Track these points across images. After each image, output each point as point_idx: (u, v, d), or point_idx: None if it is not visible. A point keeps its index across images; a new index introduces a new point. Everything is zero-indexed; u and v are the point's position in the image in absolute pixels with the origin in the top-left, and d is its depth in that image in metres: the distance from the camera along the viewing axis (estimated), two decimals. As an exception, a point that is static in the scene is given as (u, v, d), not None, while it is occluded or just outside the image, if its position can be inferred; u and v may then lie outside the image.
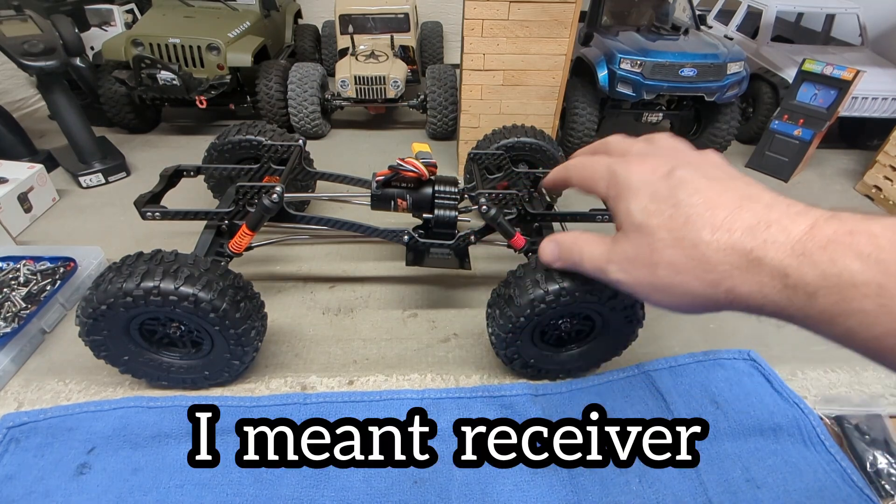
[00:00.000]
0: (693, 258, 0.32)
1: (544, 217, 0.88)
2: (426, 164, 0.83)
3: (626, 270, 0.37)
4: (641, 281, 0.36)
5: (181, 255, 0.69)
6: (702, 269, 0.32)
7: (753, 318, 1.01)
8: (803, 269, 0.27)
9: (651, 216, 0.35)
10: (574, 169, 0.46)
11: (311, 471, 0.65)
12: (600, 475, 0.66)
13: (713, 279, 0.31)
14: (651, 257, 0.34)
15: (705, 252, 0.31)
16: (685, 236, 0.32)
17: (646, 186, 0.36)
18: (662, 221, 0.34)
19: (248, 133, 1.03)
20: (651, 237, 0.34)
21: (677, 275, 0.33)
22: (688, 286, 0.33)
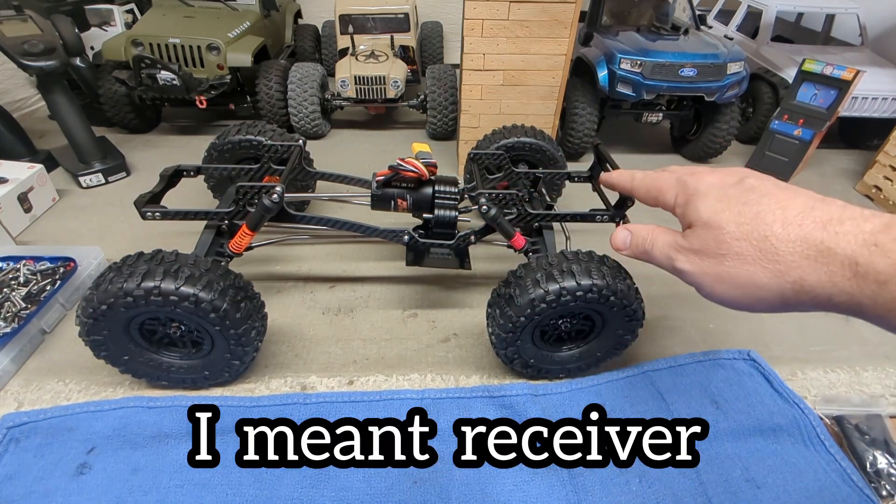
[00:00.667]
0: (761, 249, 0.32)
1: (544, 217, 0.89)
2: (426, 164, 0.83)
3: (693, 261, 0.37)
4: (707, 271, 0.36)
5: (182, 255, 0.69)
6: (770, 259, 0.32)
7: (753, 319, 1.01)
8: (875, 258, 0.27)
9: (720, 213, 0.35)
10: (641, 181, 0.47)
11: (311, 471, 0.65)
12: (600, 475, 0.66)
13: (781, 269, 0.31)
14: (719, 249, 0.35)
15: (774, 244, 0.31)
16: (755, 229, 0.33)
17: (715, 190, 0.37)
18: (731, 216, 0.34)
19: (248, 133, 1.03)
20: (719, 230, 0.35)
21: (744, 265, 0.33)
22: (754, 276, 0.33)
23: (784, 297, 0.32)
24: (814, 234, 0.30)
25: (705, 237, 0.36)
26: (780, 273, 0.31)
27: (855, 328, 0.94)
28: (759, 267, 0.32)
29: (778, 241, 0.31)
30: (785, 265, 0.31)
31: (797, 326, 0.94)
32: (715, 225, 0.35)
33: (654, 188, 0.45)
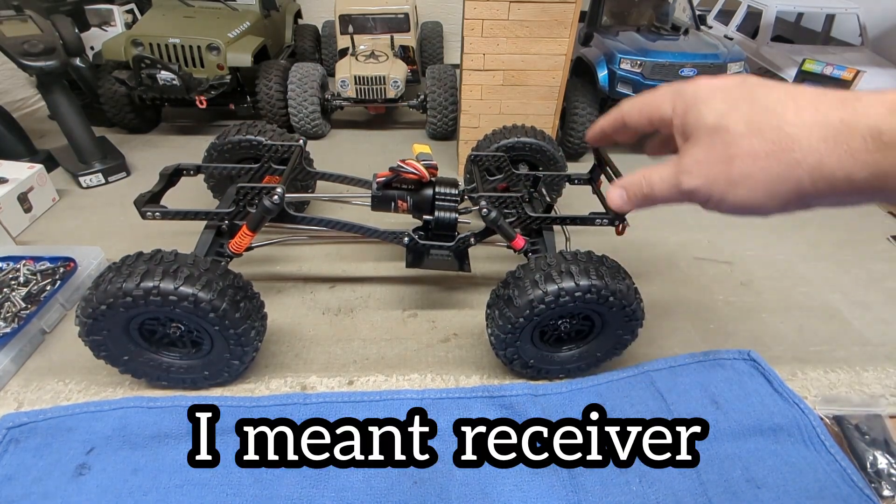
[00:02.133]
0: (775, 141, 0.30)
1: (544, 220, 0.89)
2: (427, 165, 0.83)
3: (700, 173, 0.34)
4: (717, 179, 0.33)
5: (181, 254, 0.69)
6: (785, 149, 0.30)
7: (753, 318, 1.01)
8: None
9: (726, 115, 0.33)
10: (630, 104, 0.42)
11: (311, 471, 0.65)
12: (600, 475, 0.66)
13: (797, 157, 0.29)
14: (727, 151, 0.32)
15: (789, 131, 0.29)
16: (766, 122, 0.31)
17: (718, 92, 0.34)
18: (739, 116, 0.32)
19: (248, 133, 1.03)
20: (727, 133, 0.32)
21: (757, 162, 0.31)
22: (768, 171, 0.30)
23: (800, 188, 0.30)
24: (831, 113, 0.28)
25: (711, 143, 0.33)
26: (797, 161, 0.29)
27: (855, 328, 0.94)
28: (773, 161, 0.30)
29: (793, 127, 0.30)
30: (801, 152, 0.29)
31: (797, 326, 0.94)
32: (722, 128, 0.33)
33: (646, 104, 0.40)
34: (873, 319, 0.96)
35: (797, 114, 0.29)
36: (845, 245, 1.19)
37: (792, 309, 0.99)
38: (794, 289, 1.04)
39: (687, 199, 0.37)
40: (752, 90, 0.33)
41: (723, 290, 1.03)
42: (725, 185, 0.33)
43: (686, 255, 1.13)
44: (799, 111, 0.30)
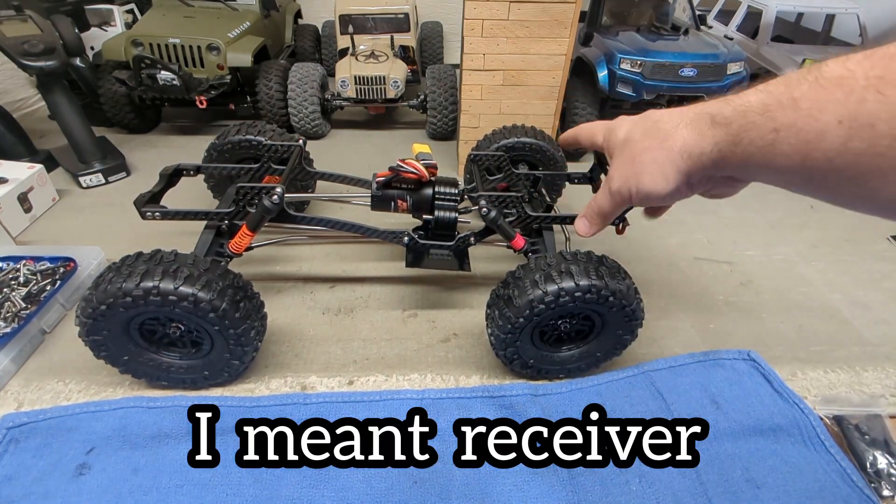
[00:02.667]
0: (657, 137, 0.41)
1: (544, 220, 0.89)
2: (426, 165, 0.83)
3: (619, 177, 0.45)
4: (628, 175, 0.44)
5: (181, 254, 0.69)
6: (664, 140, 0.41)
7: (753, 319, 1.01)
8: (723, 109, 0.36)
9: (630, 131, 0.45)
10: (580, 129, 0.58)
11: (311, 471, 0.65)
12: (600, 475, 0.66)
13: (671, 144, 0.40)
14: (632, 153, 0.44)
15: (665, 128, 0.41)
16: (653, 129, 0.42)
17: (627, 119, 0.47)
18: (638, 130, 0.44)
19: (248, 133, 1.03)
20: (631, 142, 0.44)
21: (648, 153, 0.42)
22: (656, 159, 0.41)
23: (678, 166, 0.40)
24: (689, 113, 0.40)
25: (622, 153, 0.45)
26: (671, 147, 0.40)
27: (855, 328, 0.94)
28: (658, 151, 0.41)
29: (666, 124, 0.41)
30: (672, 139, 0.40)
31: (797, 326, 0.94)
32: (628, 140, 0.45)
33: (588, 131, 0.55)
34: (873, 319, 0.96)
35: (670, 118, 0.41)
36: (845, 245, 1.19)
37: (792, 309, 0.99)
38: (794, 289, 1.04)
39: (620, 200, 0.47)
40: (647, 114, 0.45)
41: (723, 290, 1.03)
42: (634, 178, 0.43)
43: (686, 255, 1.13)
44: (671, 116, 0.41)
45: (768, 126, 0.32)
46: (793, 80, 0.32)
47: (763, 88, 0.34)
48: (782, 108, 0.31)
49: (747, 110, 0.34)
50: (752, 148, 0.34)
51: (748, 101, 0.34)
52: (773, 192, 1.41)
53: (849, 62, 0.29)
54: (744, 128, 0.34)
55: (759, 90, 0.34)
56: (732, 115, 0.35)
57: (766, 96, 0.33)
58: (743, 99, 0.35)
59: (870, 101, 0.27)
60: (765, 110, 0.33)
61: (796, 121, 0.30)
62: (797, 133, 0.30)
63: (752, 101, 0.34)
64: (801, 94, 0.31)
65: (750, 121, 0.34)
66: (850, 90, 0.28)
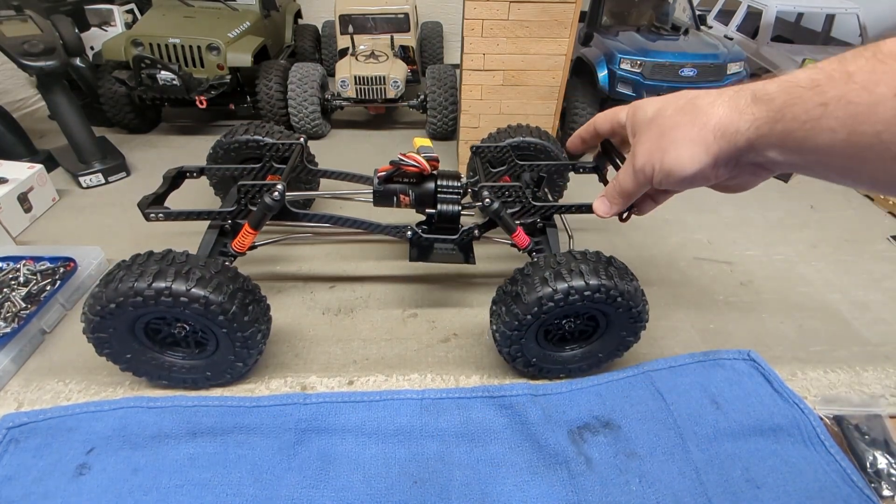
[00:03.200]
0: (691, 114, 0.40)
1: (548, 210, 0.88)
2: (428, 158, 0.82)
3: (643, 154, 0.44)
4: (654, 150, 0.43)
5: (192, 256, 0.69)
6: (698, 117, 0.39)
7: (753, 319, 1.01)
8: (767, 86, 0.35)
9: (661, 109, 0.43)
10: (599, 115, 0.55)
11: (311, 471, 0.65)
12: (600, 475, 0.66)
13: (704, 120, 0.39)
14: (661, 130, 0.42)
15: (699, 104, 0.40)
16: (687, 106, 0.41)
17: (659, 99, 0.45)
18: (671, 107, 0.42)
19: (255, 133, 1.03)
20: (661, 118, 0.43)
21: (678, 130, 0.40)
22: (687, 135, 0.40)
23: (708, 146, 0.39)
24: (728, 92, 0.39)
25: (650, 130, 0.44)
26: (704, 123, 0.39)
27: (855, 328, 0.94)
28: (689, 127, 0.40)
29: (701, 100, 0.40)
30: (706, 115, 0.39)
31: (797, 326, 0.94)
32: (658, 116, 0.43)
33: (610, 113, 0.53)
34: (873, 319, 0.96)
35: (707, 95, 0.40)
36: (845, 245, 1.19)
37: (792, 309, 0.99)
38: (794, 289, 1.04)
39: (644, 179, 0.46)
40: (683, 93, 0.43)
41: (723, 290, 1.03)
42: (659, 154, 0.42)
43: (686, 255, 1.13)
44: (709, 93, 0.40)
45: (815, 100, 0.31)
46: (847, 57, 0.31)
47: (813, 66, 0.33)
48: (833, 82, 0.30)
49: (794, 86, 0.33)
50: (794, 123, 0.32)
51: (796, 77, 0.33)
52: (773, 192, 1.41)
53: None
54: (788, 103, 0.33)
55: (808, 68, 0.33)
56: (777, 91, 0.34)
57: (817, 73, 0.32)
58: (791, 76, 0.34)
59: None
60: (814, 85, 0.31)
61: (847, 93, 0.29)
62: (846, 105, 0.29)
63: (801, 77, 0.33)
64: (856, 67, 0.30)
65: (796, 96, 0.32)
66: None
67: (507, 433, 0.70)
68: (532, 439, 0.69)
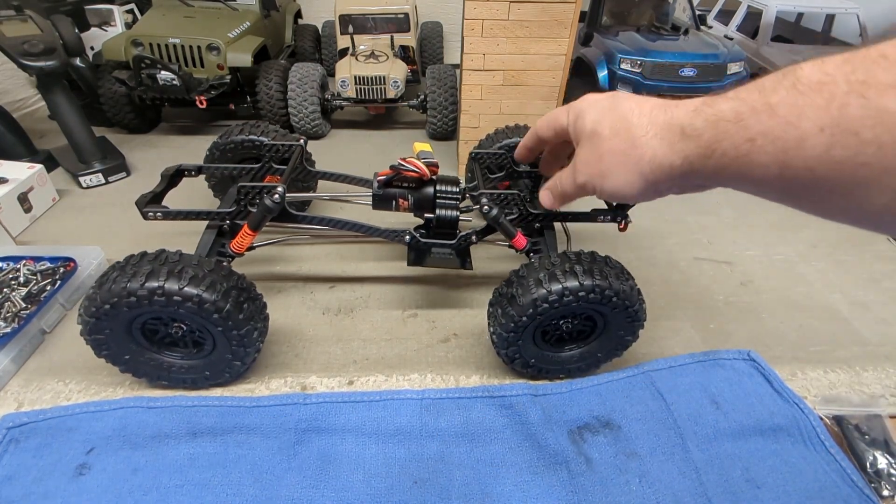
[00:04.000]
0: (626, 141, 0.40)
1: (546, 217, 0.89)
2: (427, 163, 0.83)
3: (584, 171, 0.45)
4: (594, 173, 0.44)
5: (185, 255, 0.69)
6: (632, 146, 0.39)
7: (753, 319, 1.01)
8: (694, 120, 0.35)
9: (598, 122, 0.44)
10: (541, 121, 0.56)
11: (311, 471, 0.65)
12: (600, 475, 0.66)
13: (640, 153, 0.39)
14: (599, 150, 0.43)
15: (634, 133, 0.39)
16: (622, 127, 0.41)
17: (595, 105, 0.46)
18: (606, 122, 0.43)
19: (251, 133, 1.03)
20: (599, 137, 0.43)
21: (616, 157, 0.41)
22: (625, 164, 0.40)
23: (645, 176, 0.39)
24: (659, 118, 0.38)
25: (590, 146, 0.44)
26: (640, 156, 0.39)
27: (855, 328, 0.94)
28: (626, 157, 0.40)
29: (636, 129, 0.39)
30: (641, 148, 0.39)
31: (797, 326, 0.94)
32: (595, 133, 0.43)
33: (551, 118, 0.53)
34: (873, 319, 0.96)
35: (639, 118, 0.40)
36: (845, 245, 1.19)
37: (792, 309, 0.99)
38: (794, 289, 1.04)
39: (583, 193, 0.47)
40: (616, 102, 0.43)
41: (723, 290, 1.03)
42: (600, 178, 0.43)
43: (686, 255, 1.13)
44: (640, 117, 0.40)
45: (742, 135, 0.31)
46: (767, 86, 0.30)
47: (734, 95, 0.32)
48: (757, 114, 0.30)
49: (718, 119, 0.32)
50: (725, 159, 0.32)
51: (720, 109, 0.33)
52: (773, 192, 1.42)
53: (826, 65, 0.27)
54: (716, 138, 0.33)
55: (730, 97, 0.32)
56: (703, 126, 0.34)
57: (739, 104, 0.31)
58: (714, 108, 0.33)
59: (853, 106, 0.25)
60: (738, 118, 0.31)
61: (773, 128, 0.29)
62: (774, 141, 0.29)
63: (725, 109, 0.32)
64: (778, 99, 0.29)
65: (722, 131, 0.32)
66: (832, 96, 0.26)
67: (507, 433, 0.71)
68: (532, 439, 0.69)
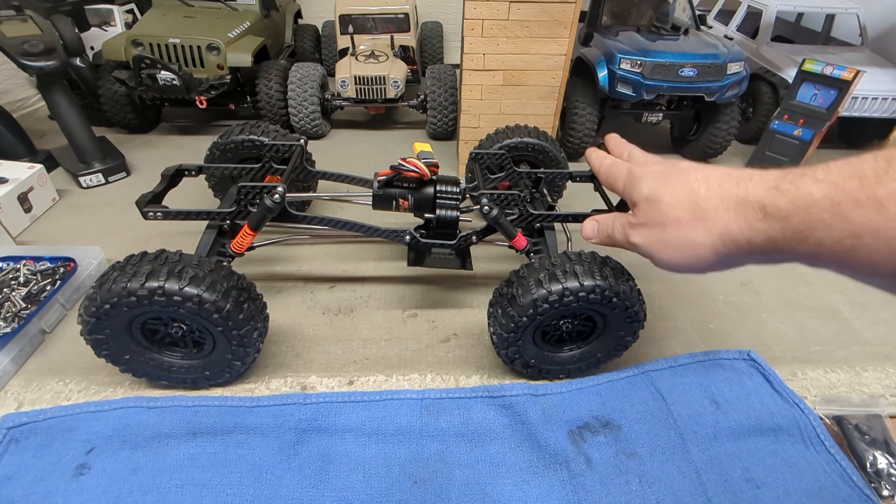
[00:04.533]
0: (693, 212, 0.38)
1: (546, 218, 0.89)
2: (428, 163, 0.83)
3: (642, 234, 0.43)
4: (654, 240, 0.42)
5: (186, 255, 0.69)
6: (701, 218, 0.38)
7: (753, 318, 1.01)
8: (777, 200, 0.32)
9: (656, 189, 0.42)
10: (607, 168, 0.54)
11: (311, 471, 0.65)
12: (600, 475, 0.66)
13: (709, 225, 0.37)
14: (660, 218, 0.41)
15: (702, 205, 0.38)
16: (686, 197, 0.39)
17: (652, 171, 0.44)
18: (667, 190, 0.41)
19: (251, 133, 1.03)
20: (659, 203, 0.41)
21: (681, 229, 0.39)
22: (690, 236, 0.38)
23: (716, 250, 0.37)
24: (731, 190, 0.36)
25: (649, 211, 0.42)
26: (710, 229, 0.37)
27: (855, 328, 0.94)
28: (692, 228, 0.38)
29: (704, 202, 0.38)
30: (712, 221, 0.37)
31: (797, 326, 0.94)
32: (654, 199, 0.42)
33: (610, 176, 0.52)
34: (873, 319, 0.96)
35: (708, 191, 0.38)
36: (845, 245, 1.19)
37: (792, 309, 0.99)
38: (794, 289, 1.04)
39: (632, 250, 0.46)
40: (675, 171, 0.42)
41: (723, 290, 1.03)
42: (661, 246, 0.42)
43: (686, 255, 1.13)
44: (709, 189, 0.38)
45: (843, 227, 0.28)
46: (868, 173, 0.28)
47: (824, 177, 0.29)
48: (860, 208, 0.27)
49: (809, 206, 0.30)
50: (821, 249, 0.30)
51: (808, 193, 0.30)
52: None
53: None
54: (808, 225, 0.30)
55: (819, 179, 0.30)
56: (789, 208, 0.31)
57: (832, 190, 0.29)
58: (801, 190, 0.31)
59: None
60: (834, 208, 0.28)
61: (885, 227, 0.26)
62: (889, 242, 0.26)
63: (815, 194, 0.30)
64: (886, 193, 0.26)
65: (816, 219, 0.30)
66: None
67: (507, 433, 0.71)
68: (532, 439, 0.69)
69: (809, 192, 0.30)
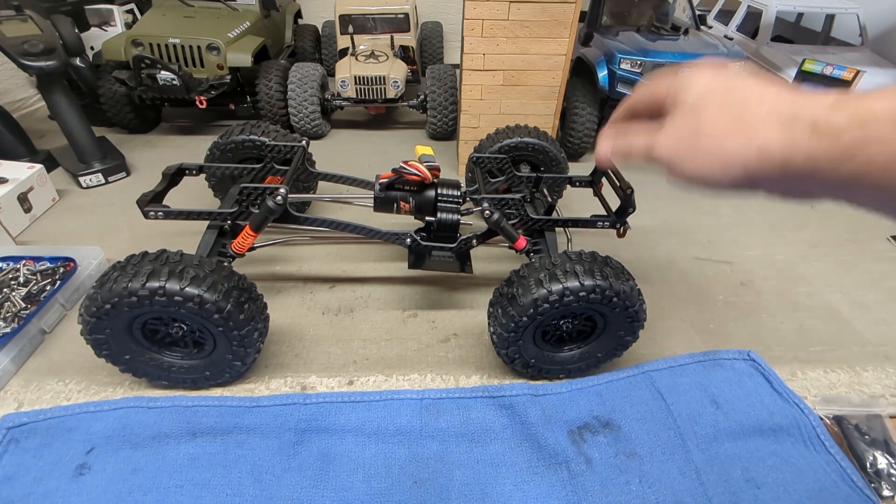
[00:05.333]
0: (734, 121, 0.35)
1: (546, 222, 0.89)
2: (429, 167, 0.83)
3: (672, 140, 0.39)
4: (682, 146, 0.38)
5: (186, 255, 0.69)
6: (740, 129, 0.34)
7: (753, 318, 1.01)
8: (832, 116, 0.29)
9: (703, 98, 0.38)
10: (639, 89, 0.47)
11: (311, 471, 0.65)
12: (600, 475, 0.66)
13: (749, 136, 0.34)
14: (696, 127, 0.37)
15: (748, 118, 0.34)
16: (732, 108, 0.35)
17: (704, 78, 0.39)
18: (714, 99, 0.37)
19: (251, 133, 1.03)
20: (701, 112, 0.37)
21: (715, 138, 0.36)
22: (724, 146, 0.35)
23: (747, 166, 0.34)
24: (784, 105, 0.33)
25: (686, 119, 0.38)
26: (748, 140, 0.34)
27: (855, 328, 0.94)
28: (729, 138, 0.35)
29: (752, 115, 0.34)
30: (754, 132, 0.33)
31: (797, 326, 0.94)
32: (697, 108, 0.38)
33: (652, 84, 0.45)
34: (873, 319, 0.97)
35: (758, 104, 0.34)
36: (845, 245, 1.19)
37: (792, 309, 0.99)
38: (794, 289, 1.04)
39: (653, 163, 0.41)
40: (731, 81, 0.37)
41: (723, 290, 1.03)
42: (687, 153, 0.37)
43: (686, 255, 1.13)
44: (761, 102, 0.34)
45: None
46: None
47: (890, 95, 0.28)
48: None
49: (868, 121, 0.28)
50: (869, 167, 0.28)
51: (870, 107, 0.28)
52: (773, 192, 1.42)
53: None
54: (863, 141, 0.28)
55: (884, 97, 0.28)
56: (845, 123, 0.29)
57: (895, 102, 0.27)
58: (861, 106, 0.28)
59: None
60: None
61: None
62: None
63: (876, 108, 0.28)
64: None
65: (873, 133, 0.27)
66: None
67: (507, 433, 0.71)
68: (532, 439, 0.69)
69: (871, 108, 0.28)
